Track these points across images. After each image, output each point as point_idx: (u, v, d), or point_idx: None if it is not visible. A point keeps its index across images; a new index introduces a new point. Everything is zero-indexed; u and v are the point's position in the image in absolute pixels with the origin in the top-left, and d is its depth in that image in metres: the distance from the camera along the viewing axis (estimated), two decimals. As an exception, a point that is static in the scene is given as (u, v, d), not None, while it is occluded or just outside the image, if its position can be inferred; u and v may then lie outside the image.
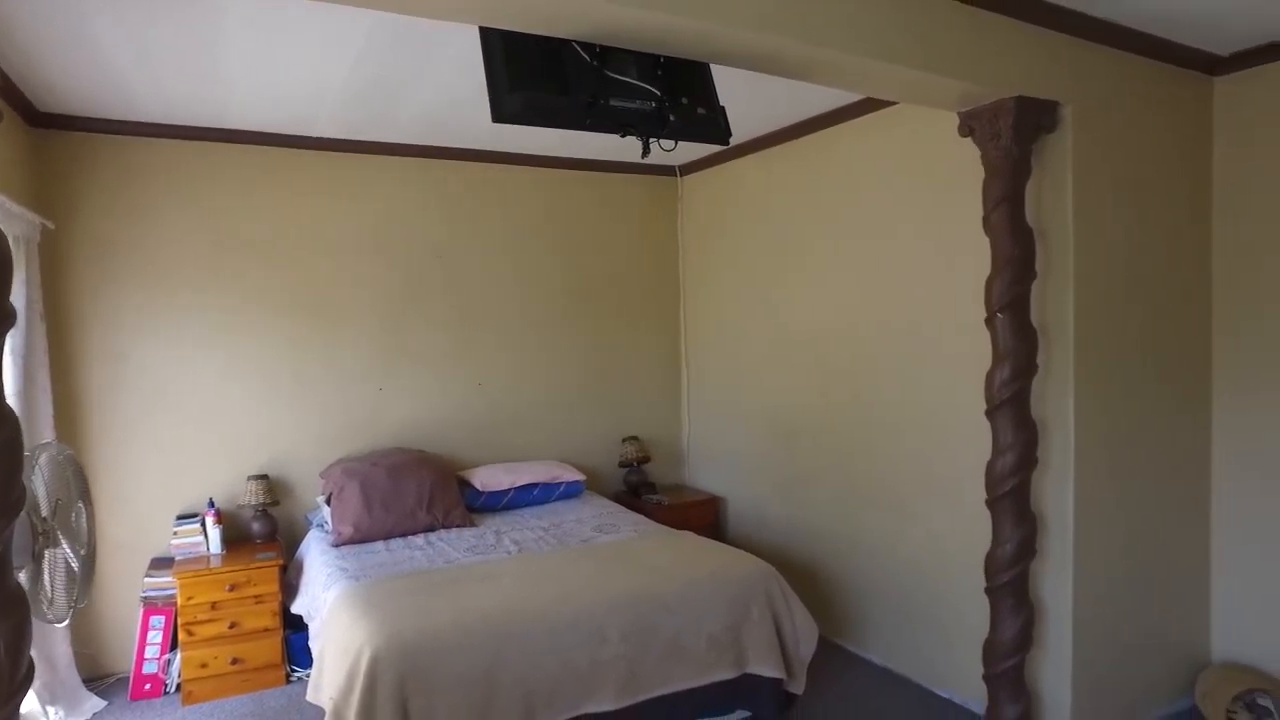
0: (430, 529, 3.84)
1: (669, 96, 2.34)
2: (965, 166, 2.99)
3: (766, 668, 2.98)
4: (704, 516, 4.69)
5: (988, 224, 2.76)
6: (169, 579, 3.62)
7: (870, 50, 2.39)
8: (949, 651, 3.42)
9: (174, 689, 3.63)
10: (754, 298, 4.59)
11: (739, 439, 4.76)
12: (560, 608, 2.78)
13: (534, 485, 4.31)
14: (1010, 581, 2.84)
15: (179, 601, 3.56)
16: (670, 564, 3.19)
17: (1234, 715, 3.08)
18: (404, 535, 3.78)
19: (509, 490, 4.24)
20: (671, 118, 2.31)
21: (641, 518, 4.03)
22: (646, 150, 2.42)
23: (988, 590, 2.90)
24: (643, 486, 4.81)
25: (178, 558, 3.76)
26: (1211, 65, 3.24)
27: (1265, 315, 3.17)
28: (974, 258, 2.92)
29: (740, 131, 4.20)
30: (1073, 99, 2.84)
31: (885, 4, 2.41)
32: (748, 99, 3.54)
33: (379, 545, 3.65)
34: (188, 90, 3.39)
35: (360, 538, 3.68)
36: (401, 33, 2.84)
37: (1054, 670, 2.99)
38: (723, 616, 2.96)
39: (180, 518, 3.87)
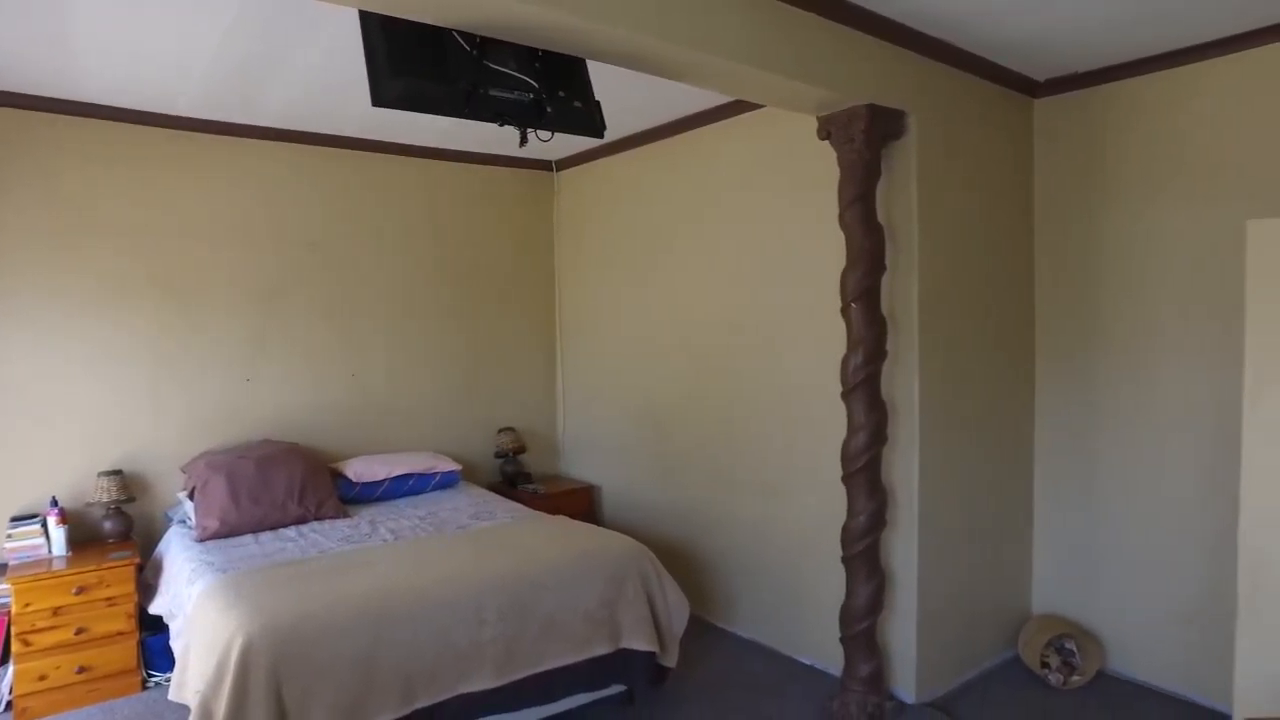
0: (302, 521, 3.75)
1: (546, 89, 2.42)
2: (824, 167, 3.22)
3: (641, 642, 3.10)
4: (579, 504, 4.79)
5: (843, 221, 3.00)
6: (2, 586, 3.35)
7: (739, 55, 2.56)
8: (809, 620, 3.67)
9: (3, 707, 3.35)
10: (628, 290, 4.73)
11: (613, 428, 4.89)
12: (439, 589, 2.81)
13: (409, 476, 4.28)
14: (864, 551, 3.09)
15: (12, 609, 3.30)
16: (546, 546, 3.27)
17: (1046, 658, 3.48)
18: (274, 528, 3.67)
19: (384, 481, 4.19)
20: (548, 109, 2.40)
21: (518, 505, 4.09)
22: (524, 140, 2.49)
23: (844, 560, 3.14)
24: (519, 476, 4.85)
25: (12, 562, 3.48)
26: (1031, 88, 3.64)
27: (1074, 309, 3.60)
28: (832, 252, 3.15)
29: (617, 128, 4.31)
30: (917, 109, 3.13)
31: (753, 13, 2.59)
32: (624, 97, 3.65)
33: (248, 538, 3.53)
34: (29, 54, 3.15)
35: (227, 531, 3.54)
36: (276, 9, 2.78)
37: (901, 630, 3.28)
38: (598, 594, 3.06)
39: (15, 519, 3.59)
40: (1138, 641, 3.47)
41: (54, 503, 3.62)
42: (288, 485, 3.79)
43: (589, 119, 2.59)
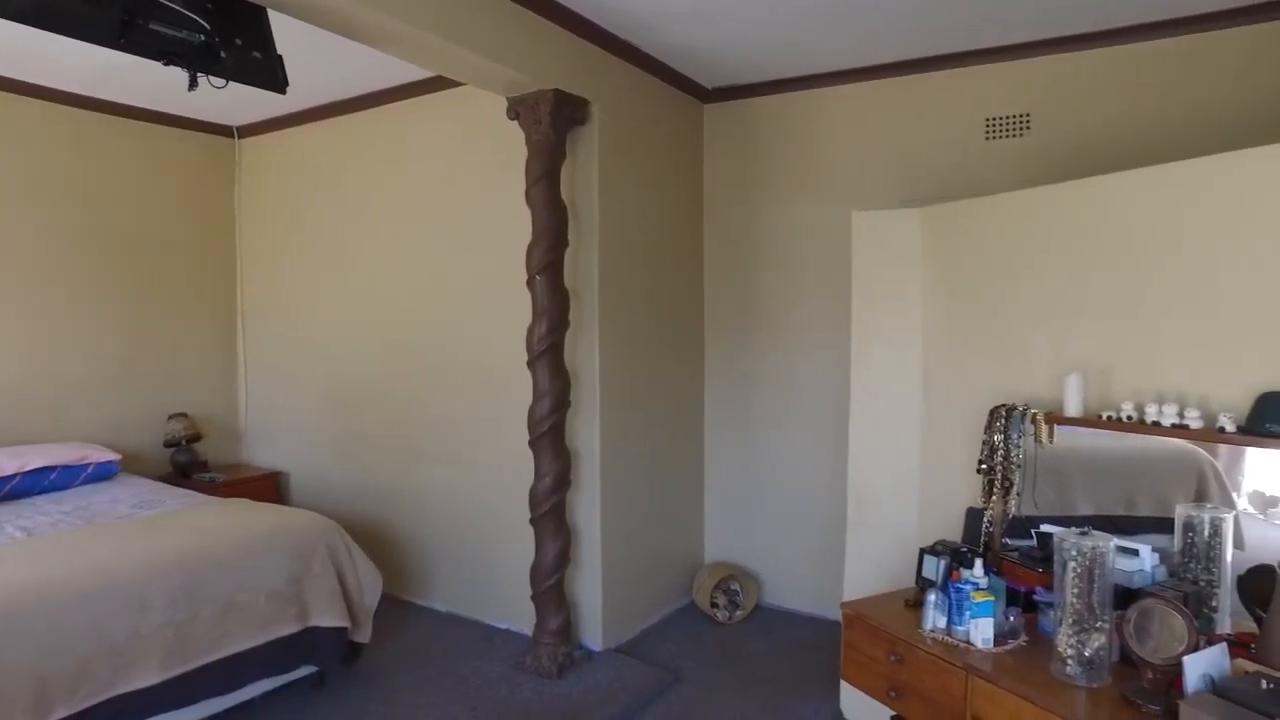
0: (-113, 529, 3.09)
1: (221, 33, 2.29)
2: (516, 147, 3.34)
3: (331, 618, 3.02)
4: (264, 492, 4.47)
5: (529, 197, 3.18)
6: None
7: (429, 25, 2.62)
8: (504, 586, 3.79)
9: None
10: (319, 267, 4.53)
11: (303, 410, 4.66)
12: (88, 578, 2.50)
13: (50, 469, 3.70)
14: (550, 510, 3.29)
15: None
16: (224, 526, 3.06)
17: (715, 599, 3.96)
18: None
19: (13, 476, 3.57)
20: (223, 55, 2.27)
21: (191, 492, 3.75)
22: (194, 84, 2.34)
23: (532, 520, 3.32)
24: (193, 466, 4.44)
25: None
26: (702, 94, 4.12)
27: (735, 289, 4.14)
28: (521, 229, 3.29)
29: (308, 96, 4.16)
30: (600, 100, 3.40)
31: (441, -15, 2.66)
32: (318, 63, 3.54)
33: None
34: None
35: None
36: None
37: (588, 583, 3.54)
38: (283, 571, 2.93)
39: None
40: (785, 576, 4.08)
41: None
42: (-128, 485, 3.12)
43: (269, 72, 2.48)
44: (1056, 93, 3.36)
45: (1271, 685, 1.58)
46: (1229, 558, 1.98)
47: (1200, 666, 1.66)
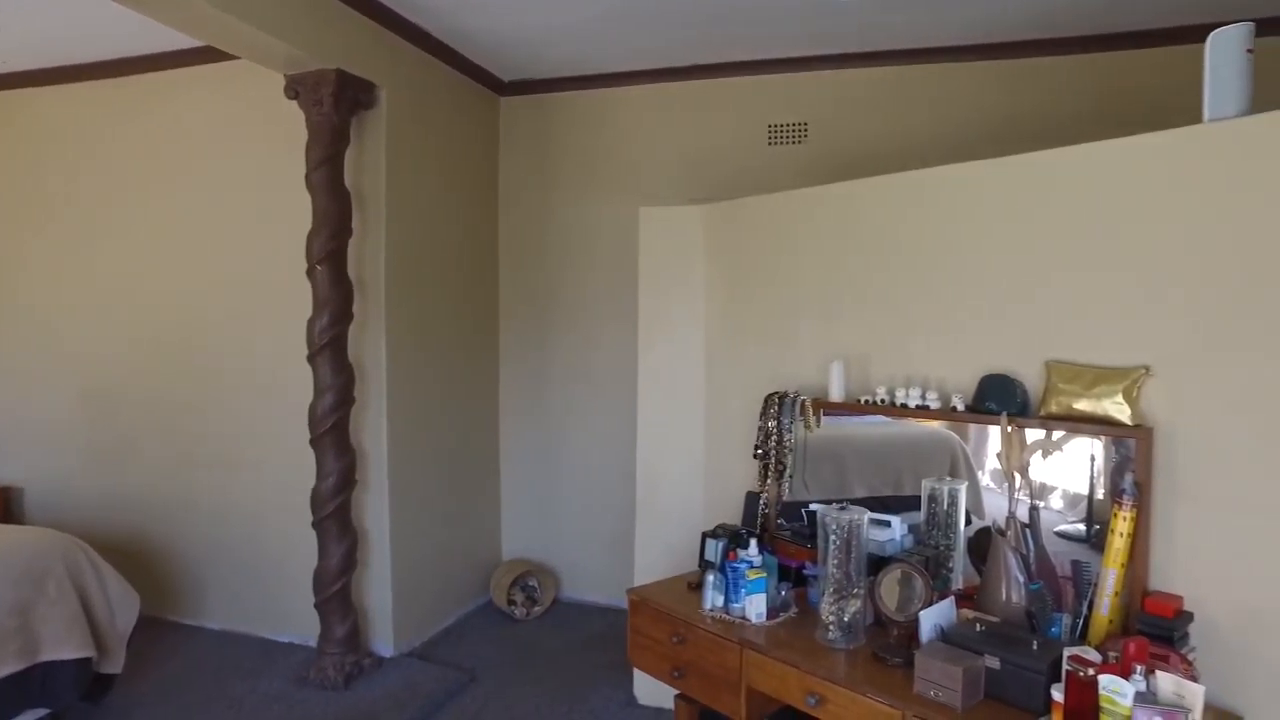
0: None
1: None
2: (296, 128, 3.13)
3: (69, 649, 2.65)
4: (-9, 511, 3.90)
5: (309, 182, 2.99)
6: None
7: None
8: (284, 597, 3.54)
9: None
10: (66, 251, 4.00)
11: (43, 414, 4.08)
12: None
13: None
14: (334, 512, 3.11)
15: None
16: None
17: (513, 596, 3.92)
18: None
19: None
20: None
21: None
22: None
23: (314, 524, 3.12)
24: (-106, 484, 3.76)
25: None
26: (499, 87, 4.07)
27: (530, 283, 4.13)
28: (301, 214, 3.08)
29: (52, 54, 3.69)
30: (389, 84, 3.26)
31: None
32: (64, 17, 3.16)
33: None
34: None
35: None
36: None
37: (377, 586, 3.39)
38: (4, 601, 2.54)
39: None
40: (583, 569, 4.11)
41: None
42: None
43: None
44: (831, 105, 3.64)
45: (984, 627, 1.79)
46: (962, 524, 2.22)
47: (933, 618, 1.85)
